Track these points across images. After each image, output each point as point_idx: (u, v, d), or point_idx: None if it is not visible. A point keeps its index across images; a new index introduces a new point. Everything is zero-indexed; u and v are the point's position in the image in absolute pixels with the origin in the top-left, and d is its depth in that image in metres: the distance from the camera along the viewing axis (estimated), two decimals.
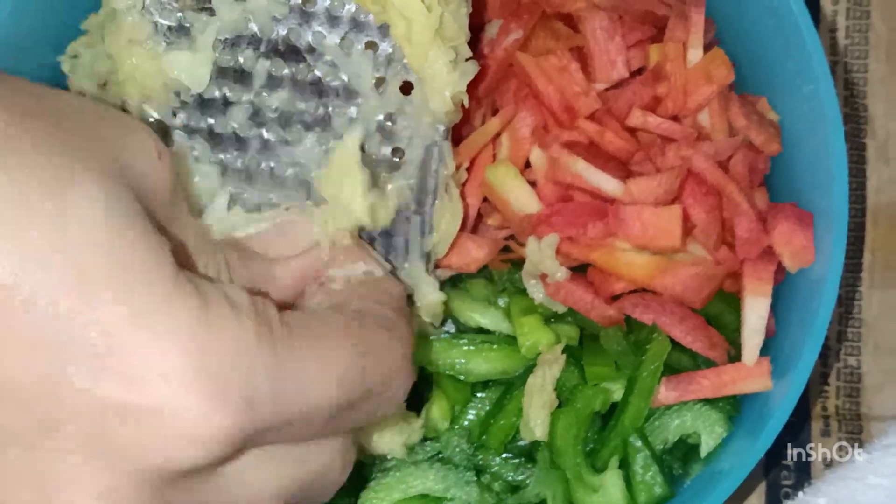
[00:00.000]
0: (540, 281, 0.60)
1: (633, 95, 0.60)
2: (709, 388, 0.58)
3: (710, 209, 0.58)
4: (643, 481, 0.58)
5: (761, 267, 0.58)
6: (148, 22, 0.54)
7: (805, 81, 0.57)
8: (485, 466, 0.61)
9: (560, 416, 0.58)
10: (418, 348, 0.60)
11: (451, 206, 0.58)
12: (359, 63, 0.54)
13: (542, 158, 0.60)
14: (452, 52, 0.53)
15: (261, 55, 0.55)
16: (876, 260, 0.73)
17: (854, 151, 0.73)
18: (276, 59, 0.55)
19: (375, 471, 0.61)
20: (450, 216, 0.58)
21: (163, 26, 0.54)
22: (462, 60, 0.54)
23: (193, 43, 0.54)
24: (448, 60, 0.53)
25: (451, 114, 0.55)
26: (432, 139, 0.55)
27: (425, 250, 0.58)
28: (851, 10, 0.74)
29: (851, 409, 0.71)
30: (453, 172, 0.57)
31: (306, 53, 0.54)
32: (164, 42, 0.54)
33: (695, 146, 0.58)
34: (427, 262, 0.58)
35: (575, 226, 0.58)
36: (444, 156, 0.56)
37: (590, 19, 0.61)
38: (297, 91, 0.55)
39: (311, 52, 0.55)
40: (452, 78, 0.54)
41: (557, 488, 0.58)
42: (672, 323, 0.58)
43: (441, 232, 0.58)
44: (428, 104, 0.54)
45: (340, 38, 0.54)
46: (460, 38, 0.54)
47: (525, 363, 0.60)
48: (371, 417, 0.48)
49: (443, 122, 0.55)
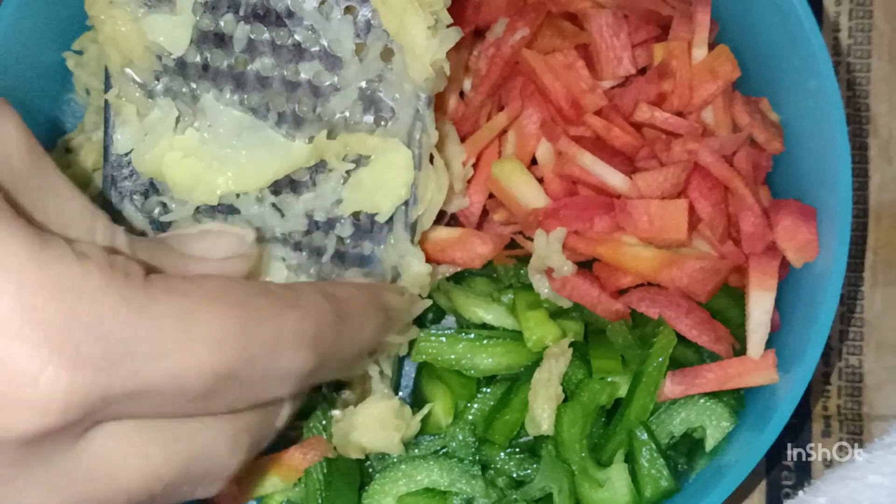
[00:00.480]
0: (546, 276, 0.60)
1: (638, 92, 0.61)
2: (714, 382, 0.58)
3: (715, 203, 0.58)
4: (649, 475, 0.58)
5: (766, 262, 0.58)
6: None
7: (809, 77, 0.57)
8: (489, 461, 0.61)
9: (566, 410, 0.58)
10: (420, 343, 0.60)
11: (436, 177, 0.57)
12: (338, 28, 0.53)
13: (549, 153, 0.61)
14: (431, 18, 0.52)
15: (240, 19, 0.54)
16: (878, 259, 0.73)
17: (857, 150, 0.73)
18: (255, 24, 0.54)
19: (379, 465, 0.61)
20: (435, 186, 0.57)
21: None
22: (443, 27, 0.53)
23: (173, 6, 0.54)
24: (426, 27, 0.52)
25: (431, 81, 0.54)
26: (415, 108, 0.55)
27: (410, 221, 0.57)
28: (854, 10, 0.74)
29: (853, 409, 0.71)
30: (437, 142, 0.56)
31: (286, 18, 0.54)
32: (144, 5, 0.54)
33: (700, 141, 0.59)
34: (412, 234, 0.57)
35: (582, 219, 0.59)
36: (427, 125, 0.55)
37: (595, 17, 0.62)
38: (277, 56, 0.55)
39: (291, 17, 0.54)
40: (432, 45, 0.52)
41: (563, 482, 0.58)
42: (678, 316, 0.58)
43: (426, 203, 0.57)
44: (408, 71, 0.53)
45: (319, 3, 0.54)
46: (439, 3, 0.53)
47: (530, 358, 0.60)
48: (258, 396, 0.43)
49: (424, 89, 0.54)
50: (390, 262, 0.57)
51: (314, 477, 0.59)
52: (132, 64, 0.55)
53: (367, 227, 0.57)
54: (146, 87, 0.56)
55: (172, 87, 0.56)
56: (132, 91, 0.56)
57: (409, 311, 0.58)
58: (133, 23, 0.54)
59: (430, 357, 0.60)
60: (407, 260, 0.57)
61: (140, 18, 0.54)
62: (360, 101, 0.55)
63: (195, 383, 0.39)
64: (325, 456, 0.60)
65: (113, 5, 0.54)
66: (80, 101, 0.67)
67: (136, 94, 0.56)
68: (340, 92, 0.54)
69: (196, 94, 0.55)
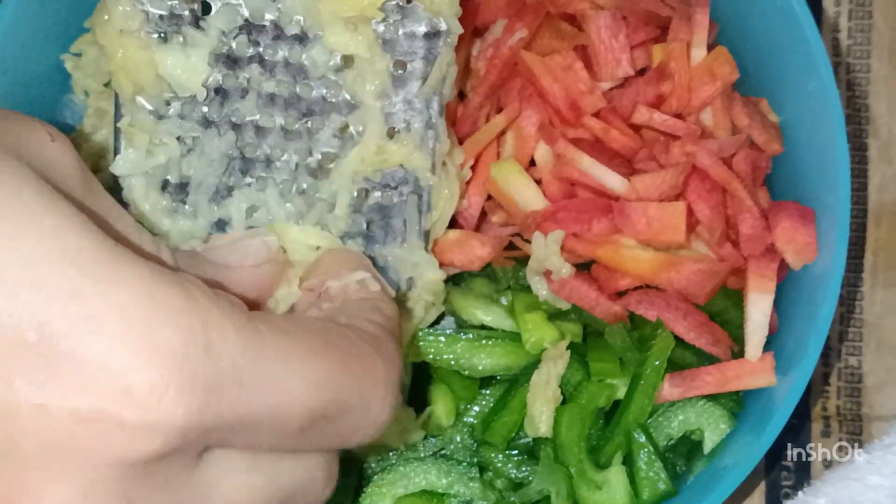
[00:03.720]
0: (544, 278, 0.60)
1: (636, 94, 0.61)
2: (713, 384, 0.58)
3: (714, 205, 0.58)
4: (647, 477, 0.58)
5: (764, 264, 0.58)
6: (139, 11, 0.53)
7: (809, 78, 0.57)
8: (487, 463, 0.61)
9: (564, 412, 0.58)
10: (419, 342, 0.60)
11: (449, 184, 0.58)
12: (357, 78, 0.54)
13: (547, 155, 0.61)
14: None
15: (252, 41, 0.54)
16: (878, 259, 0.73)
17: (856, 151, 0.73)
18: (268, 43, 0.54)
19: (377, 467, 0.61)
20: (447, 194, 0.58)
21: (154, 15, 0.53)
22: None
23: (186, 43, 0.54)
24: None
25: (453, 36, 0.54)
26: (428, 117, 0.55)
27: (424, 229, 0.57)
28: (854, 10, 0.74)
29: (852, 410, 0.71)
30: (449, 150, 0.57)
31: (308, 72, 0.55)
32: (155, 32, 0.53)
33: (699, 143, 0.58)
34: (426, 242, 0.58)
35: (580, 222, 0.58)
36: (440, 133, 0.56)
37: (594, 18, 0.61)
38: (291, 75, 0.55)
39: (303, 40, 0.54)
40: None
41: (561, 484, 0.58)
42: (676, 319, 0.58)
43: (439, 210, 0.58)
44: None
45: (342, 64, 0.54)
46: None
47: (528, 359, 0.60)
48: (348, 437, 0.45)
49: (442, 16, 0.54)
50: (404, 270, 0.58)
51: None
52: (143, 91, 0.54)
53: (381, 236, 0.57)
54: (157, 112, 0.55)
55: (184, 113, 0.55)
56: (144, 120, 0.55)
57: None
58: (145, 50, 0.53)
59: (429, 357, 0.60)
60: (421, 268, 0.57)
61: (153, 50, 0.53)
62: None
63: (296, 421, 0.40)
64: None
65: (124, 34, 0.53)
66: (79, 102, 0.67)
67: (147, 122, 0.55)
68: (358, 110, 0.55)
69: (208, 117, 0.55)
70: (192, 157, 0.55)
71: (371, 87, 0.54)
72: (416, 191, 0.56)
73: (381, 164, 0.55)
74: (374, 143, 0.55)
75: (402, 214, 0.57)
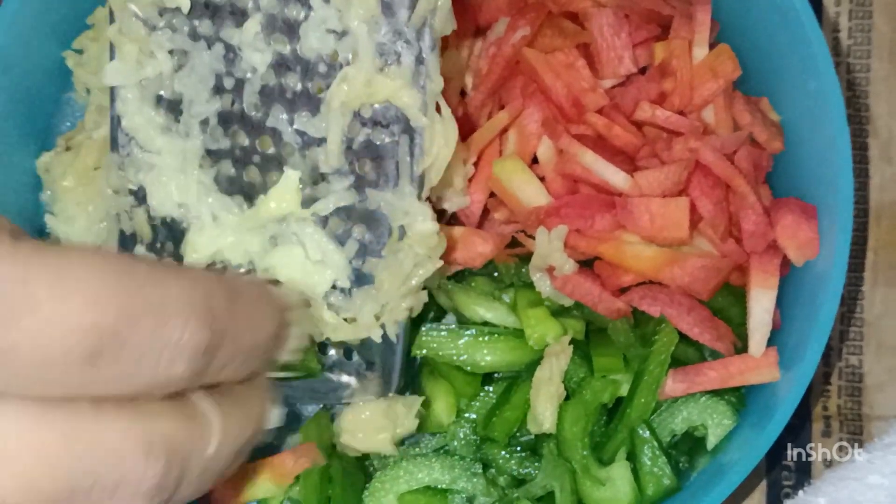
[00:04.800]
0: (547, 274, 0.60)
1: (639, 91, 0.61)
2: (716, 380, 0.58)
3: (716, 201, 0.58)
4: (651, 473, 0.58)
5: (767, 260, 0.59)
6: None
7: (809, 77, 0.57)
8: (490, 460, 0.61)
9: (568, 408, 0.58)
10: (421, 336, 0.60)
11: (443, 129, 0.53)
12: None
13: (550, 151, 0.61)
14: None
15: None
16: (878, 259, 0.73)
17: (857, 151, 0.73)
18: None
19: (380, 464, 0.61)
20: (442, 140, 0.53)
21: None
22: None
23: None
24: None
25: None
26: (418, 50, 0.52)
27: (416, 174, 0.53)
28: (854, 10, 0.74)
29: (853, 409, 0.71)
30: (442, 89, 0.53)
31: None
32: None
33: (702, 139, 0.59)
34: (419, 189, 0.54)
35: (584, 217, 0.58)
36: (431, 70, 0.52)
37: (596, 16, 0.62)
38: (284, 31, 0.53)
39: None
40: None
41: (565, 480, 0.58)
42: (679, 314, 0.58)
43: (433, 156, 0.53)
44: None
45: None
46: None
47: (531, 356, 0.60)
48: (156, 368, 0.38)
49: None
50: (396, 218, 0.54)
51: (314, 476, 0.59)
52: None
53: (373, 179, 0.54)
54: (148, 22, 0.54)
55: (174, 23, 0.54)
56: (134, 26, 0.54)
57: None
58: None
59: (431, 351, 0.60)
60: (412, 216, 0.54)
61: None
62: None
63: (77, 338, 0.35)
64: (317, 463, 0.60)
65: None
66: (80, 99, 0.67)
67: (138, 30, 0.54)
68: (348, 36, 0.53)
69: (198, 32, 0.54)
70: (182, 74, 0.54)
71: (361, 11, 0.52)
72: (408, 132, 0.53)
73: (369, 97, 0.52)
74: (363, 75, 0.52)
75: (394, 156, 0.53)
